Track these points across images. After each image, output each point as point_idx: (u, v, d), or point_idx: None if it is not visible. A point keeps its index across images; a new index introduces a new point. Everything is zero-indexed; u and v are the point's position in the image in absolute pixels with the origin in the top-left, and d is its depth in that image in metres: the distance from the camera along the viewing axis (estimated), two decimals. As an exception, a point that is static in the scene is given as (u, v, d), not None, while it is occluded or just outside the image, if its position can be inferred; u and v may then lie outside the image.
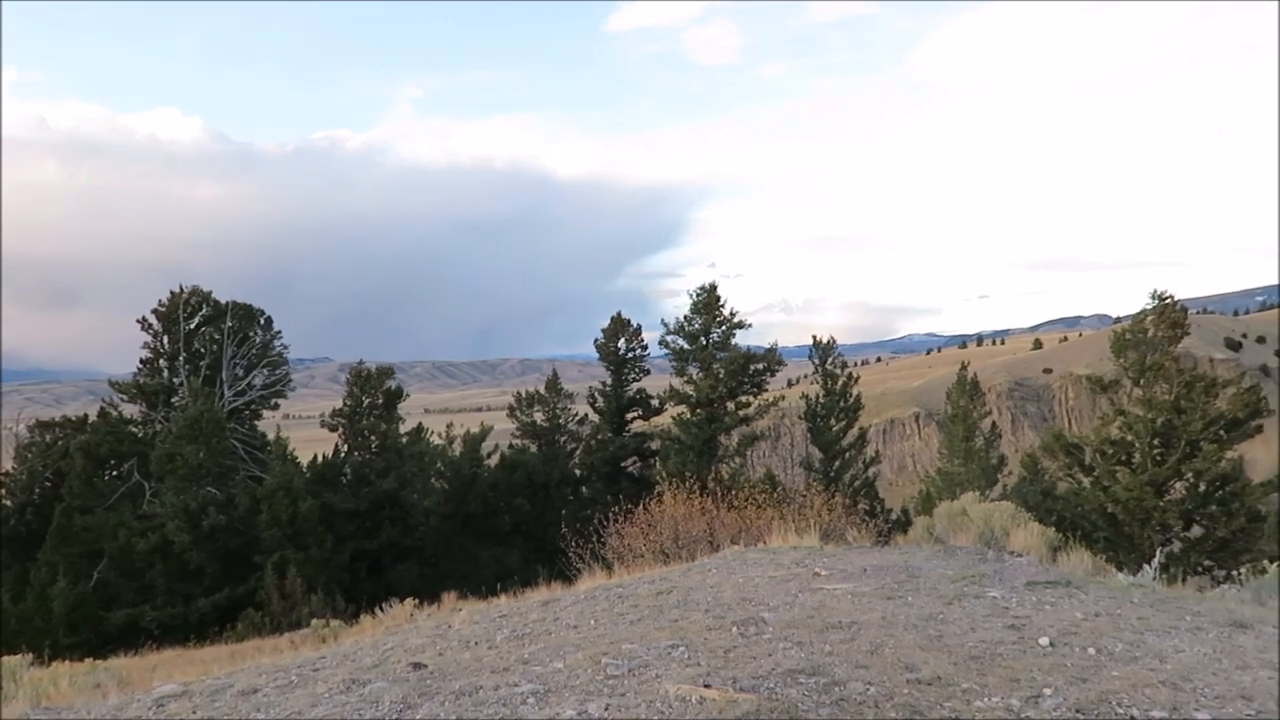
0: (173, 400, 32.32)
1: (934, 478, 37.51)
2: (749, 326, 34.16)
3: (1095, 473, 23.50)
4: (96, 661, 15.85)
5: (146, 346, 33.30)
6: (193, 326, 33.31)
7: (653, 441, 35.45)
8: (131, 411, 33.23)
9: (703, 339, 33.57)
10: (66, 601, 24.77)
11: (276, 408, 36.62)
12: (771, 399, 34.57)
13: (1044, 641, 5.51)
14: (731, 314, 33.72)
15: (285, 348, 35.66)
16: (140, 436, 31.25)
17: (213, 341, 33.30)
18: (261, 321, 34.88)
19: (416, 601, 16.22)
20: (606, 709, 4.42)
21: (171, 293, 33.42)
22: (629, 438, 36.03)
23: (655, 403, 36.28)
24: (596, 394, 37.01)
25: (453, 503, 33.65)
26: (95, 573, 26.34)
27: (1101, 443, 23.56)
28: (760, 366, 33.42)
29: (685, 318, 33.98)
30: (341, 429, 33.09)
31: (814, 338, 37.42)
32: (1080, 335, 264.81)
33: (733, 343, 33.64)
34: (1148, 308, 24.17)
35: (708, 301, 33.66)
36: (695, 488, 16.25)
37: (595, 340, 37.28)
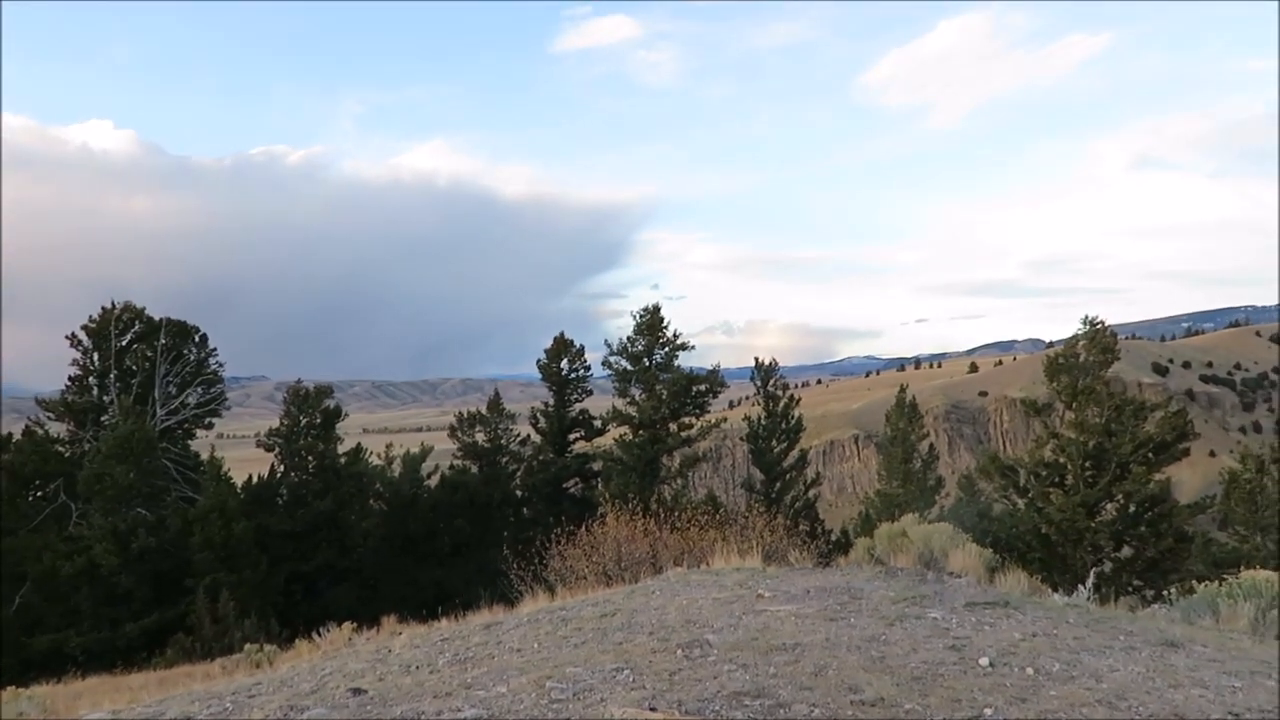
0: (102, 419, 31.45)
1: (873, 499, 37.94)
2: (692, 348, 34.36)
3: (1030, 494, 23.97)
4: (19, 690, 15.25)
5: (75, 363, 32.40)
6: (124, 343, 32.51)
7: (595, 462, 35.37)
8: (59, 430, 32.24)
9: (646, 360, 33.66)
10: (-14, 627, 23.91)
11: (211, 427, 35.85)
12: (714, 420, 34.73)
13: (984, 662, 5.58)
14: (674, 335, 33.89)
15: (220, 366, 34.96)
16: (67, 456, 30.35)
17: (145, 359, 32.52)
18: (196, 338, 34.16)
19: (355, 625, 15.90)
20: (551, 734, 4.37)
21: (103, 308, 32.61)
22: (571, 458, 35.91)
23: (598, 424, 36.23)
24: (539, 414, 36.86)
25: (392, 524, 33.18)
26: (18, 597, 25.46)
27: (1035, 465, 24.05)
28: (703, 388, 33.57)
29: (628, 339, 34.06)
30: (278, 449, 32.50)
31: (756, 359, 37.69)
32: (1014, 359, 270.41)
33: (675, 364, 33.78)
34: (1079, 333, 24.76)
35: (651, 323, 33.77)
36: (638, 509, 16.21)
37: (538, 361, 37.16)
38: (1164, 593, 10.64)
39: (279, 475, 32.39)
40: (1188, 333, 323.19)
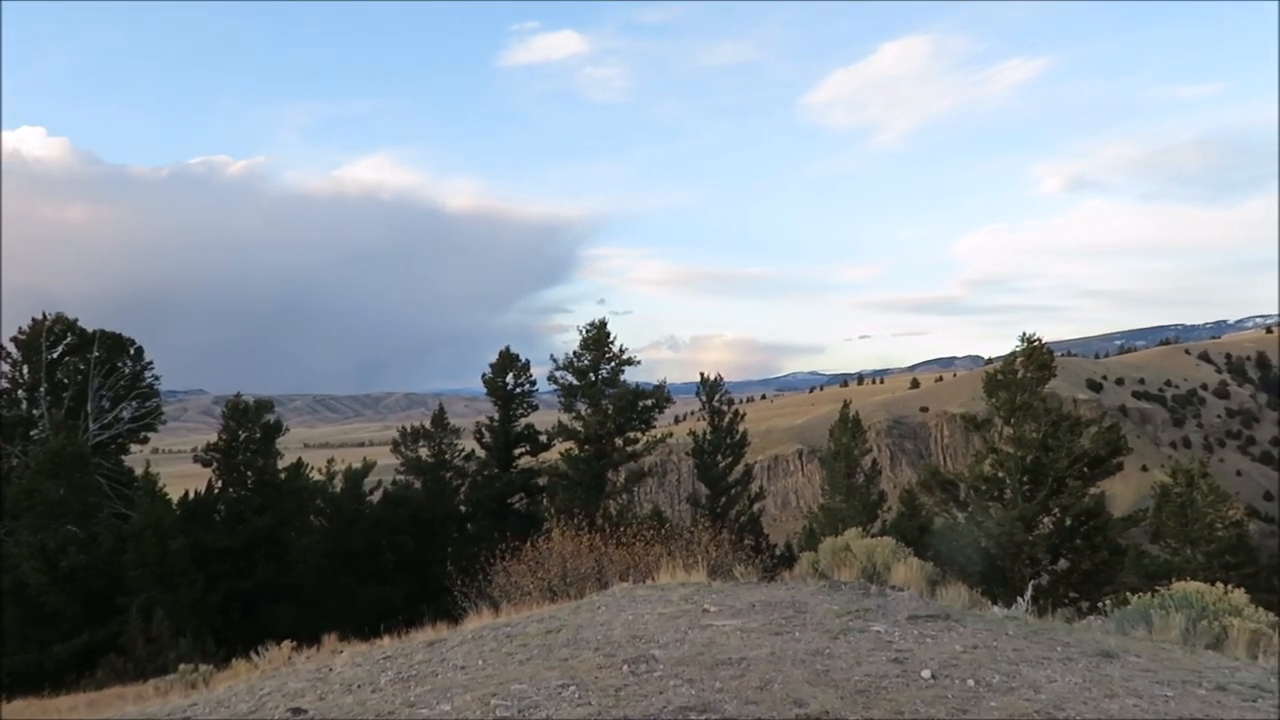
0: (32, 433, 30.55)
1: (817, 513, 38.15)
2: (638, 363, 34.41)
3: (969, 508, 24.35)
4: (-62, 714, 14.73)
5: (4, 376, 31.46)
6: (56, 355, 31.64)
7: (540, 477, 35.20)
8: (-14, 445, 31.27)
9: (591, 375, 33.63)
10: (-95, 650, 23.05)
11: (146, 441, 35.01)
12: (659, 435, 34.76)
13: (926, 674, 5.64)
14: (620, 350, 33.92)
15: (157, 379, 34.17)
16: (-6, 472, 29.42)
17: (77, 372, 31.67)
18: (131, 351, 33.37)
19: (295, 643, 15.60)
20: (496, 752, 4.33)
21: (34, 319, 31.73)
22: (516, 474, 35.68)
23: (543, 438, 36.06)
24: (484, 429, 36.59)
25: (333, 540, 32.65)
26: (-61, 618, 24.58)
27: (975, 479, 24.44)
28: (649, 403, 33.61)
29: (574, 353, 34.02)
30: (216, 464, 31.83)
31: (701, 375, 37.88)
32: (955, 376, 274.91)
33: (621, 379, 33.80)
34: (1017, 350, 25.23)
35: (597, 338, 33.77)
36: (583, 524, 16.18)
37: (483, 375, 36.91)
38: (1099, 604, 10.85)
39: (217, 491, 31.72)
40: (1121, 350, 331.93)
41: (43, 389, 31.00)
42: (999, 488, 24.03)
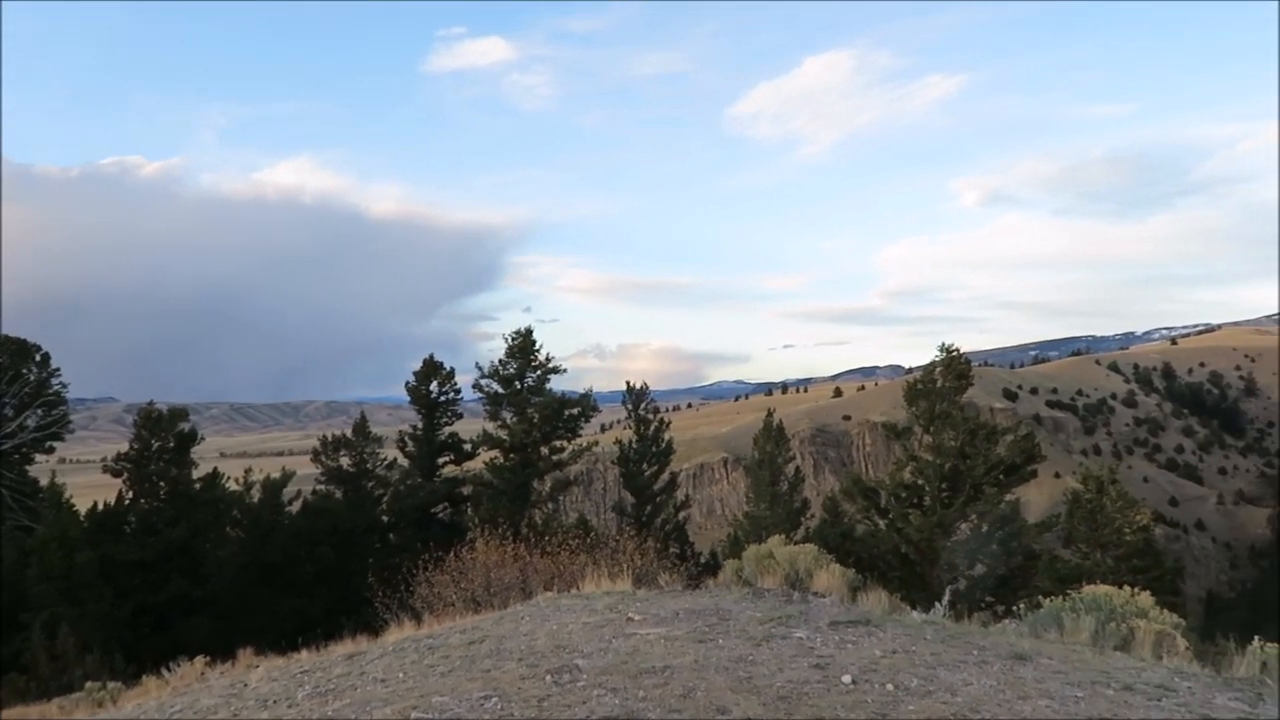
0: (-71, 443, 29.26)
1: (742, 521, 38.48)
2: (564, 371, 34.28)
3: (890, 515, 24.78)
4: None
5: (-101, 383, 30.07)
6: (-44, 362, 30.36)
7: (465, 487, 34.83)
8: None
9: (517, 383, 33.41)
10: None
11: (52, 451, 33.72)
12: (585, 444, 34.70)
13: (847, 679, 5.72)
14: (546, 359, 33.75)
15: (64, 386, 32.96)
16: (-112, 483, 28.09)
17: (-21, 379, 30.43)
18: (37, 357, 32.17)
19: (208, 659, 15.17)
20: (416, 766, 4.26)
21: (-68, 325, 30.42)
22: (440, 483, 35.26)
23: (468, 447, 35.70)
24: (407, 438, 36.09)
25: (250, 552, 31.85)
26: None
27: (895, 487, 24.90)
28: (574, 411, 33.51)
29: (500, 361, 33.76)
30: (127, 474, 30.82)
31: (627, 383, 37.93)
32: (876, 385, 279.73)
33: (547, 387, 33.64)
34: (936, 360, 25.79)
35: (523, 346, 33.58)
36: (508, 533, 16.05)
37: (406, 383, 36.42)
38: (1014, 608, 11.12)
39: (127, 502, 30.73)
40: (1035, 360, 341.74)
41: (-59, 397, 29.73)
42: (919, 495, 24.51)
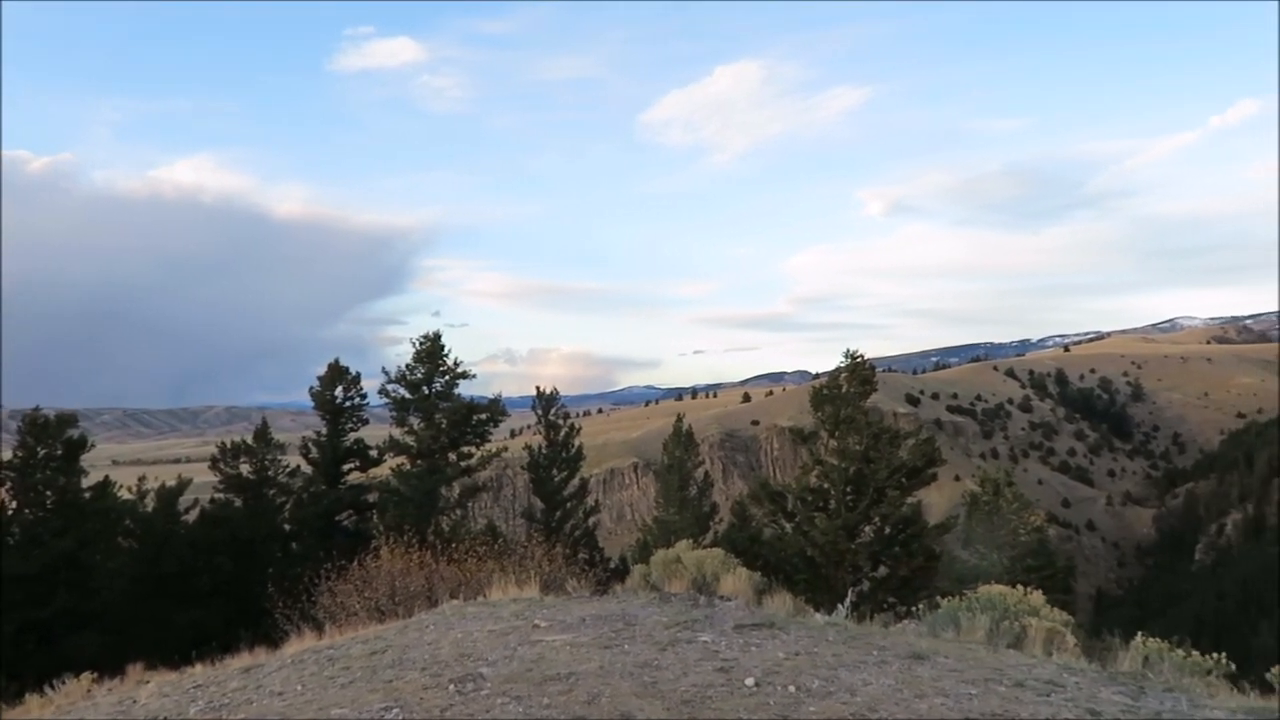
0: None
1: (651, 526, 38.61)
2: (473, 376, 33.88)
3: (796, 519, 25.13)
4: None
5: None
6: None
7: (371, 494, 34.17)
8: None
9: (425, 388, 32.92)
10: None
11: (-71, 460, 32.07)
12: (494, 450, 34.35)
13: (750, 682, 5.78)
14: (455, 363, 33.31)
15: (-57, 391, 31.40)
16: None
17: None
18: (-87, 361, 30.59)
19: (96, 675, 14.56)
20: (312, 781, 4.16)
21: None
22: (345, 490, 34.51)
23: (374, 453, 35.04)
24: (310, 444, 35.22)
25: (144, 563, 30.70)
26: None
27: (802, 490, 25.26)
28: (484, 417, 33.17)
29: (407, 366, 33.20)
30: (10, 483, 29.44)
31: (537, 389, 37.72)
32: (784, 390, 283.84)
33: (456, 393, 33.22)
34: (842, 366, 26.27)
35: (431, 350, 33.10)
36: (414, 541, 15.81)
37: (311, 388, 35.55)
38: (914, 608, 11.40)
39: (10, 512, 29.33)
40: (936, 366, 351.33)
41: None
42: (824, 498, 24.89)
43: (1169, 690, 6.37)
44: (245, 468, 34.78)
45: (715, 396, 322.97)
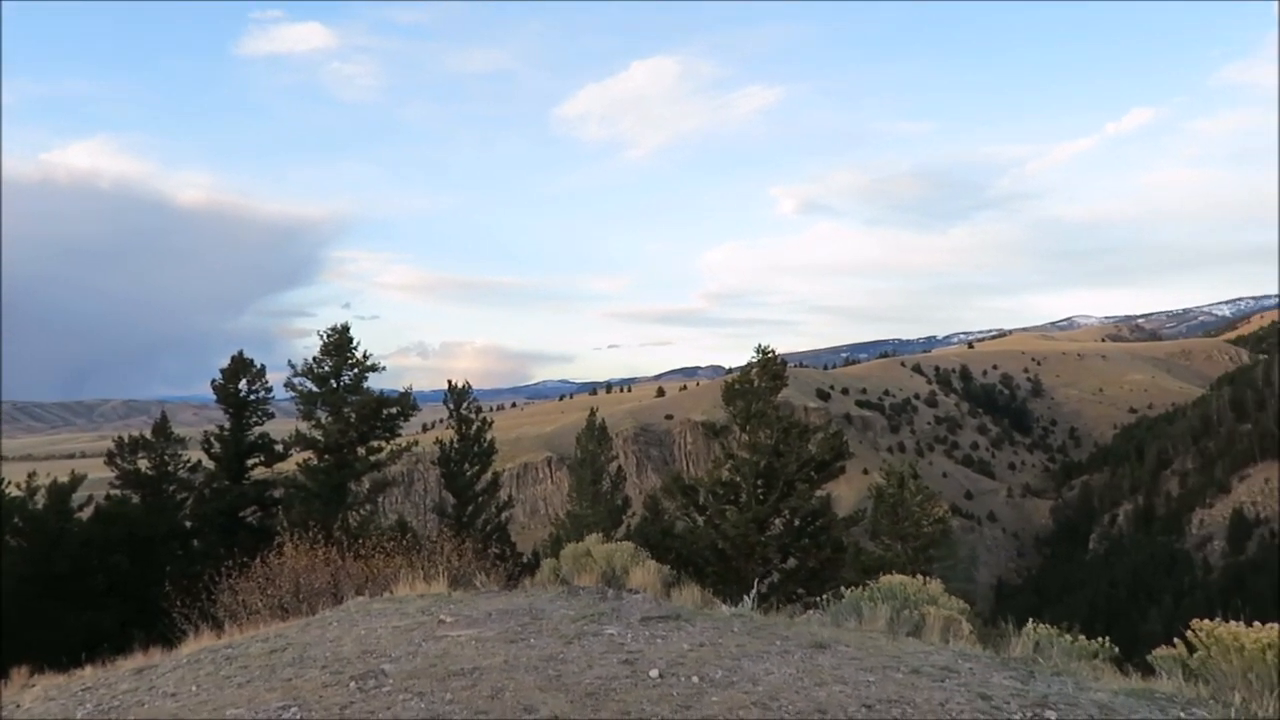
0: None
1: (564, 520, 38.57)
2: (383, 370, 33.30)
3: (708, 512, 25.36)
4: None
5: None
6: None
7: (276, 489, 33.38)
8: None
9: (333, 382, 32.27)
10: None
11: None
12: (405, 444, 33.87)
13: (654, 674, 5.82)
14: (365, 356, 32.73)
15: None
16: None
17: None
18: None
19: (-21, 680, 13.95)
20: (202, 783, 4.05)
21: None
22: (249, 486, 33.64)
23: (280, 448, 34.23)
24: (213, 439, 34.24)
25: (34, 563, 29.45)
26: None
27: (713, 484, 25.50)
28: (393, 411, 32.66)
29: (315, 359, 32.48)
30: (-112, 480, 28.02)
31: (449, 382, 37.33)
32: (698, 384, 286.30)
33: (365, 386, 32.65)
34: (753, 361, 26.60)
35: (339, 343, 32.45)
36: (320, 537, 15.51)
37: (213, 381, 34.55)
38: (819, 599, 11.62)
39: (-112, 511, 27.91)
40: (846, 362, 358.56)
41: None
42: (735, 491, 25.17)
43: (1057, 674, 6.62)
44: (144, 463, 33.66)
45: (629, 391, 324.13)
